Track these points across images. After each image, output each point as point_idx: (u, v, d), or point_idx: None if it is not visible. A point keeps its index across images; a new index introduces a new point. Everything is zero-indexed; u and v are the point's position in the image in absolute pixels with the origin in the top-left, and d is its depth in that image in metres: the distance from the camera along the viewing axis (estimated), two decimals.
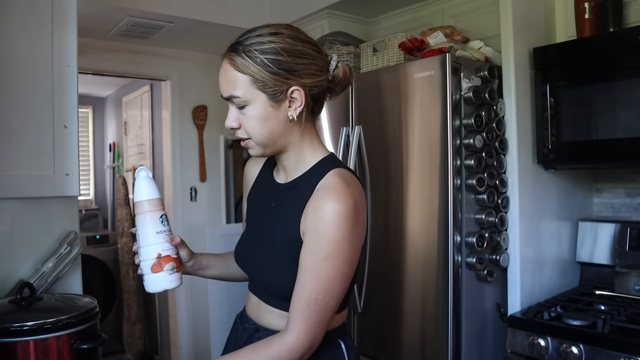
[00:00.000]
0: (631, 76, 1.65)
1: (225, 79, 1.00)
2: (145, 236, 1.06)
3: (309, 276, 0.96)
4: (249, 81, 0.97)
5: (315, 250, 0.95)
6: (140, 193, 1.06)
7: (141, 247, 1.06)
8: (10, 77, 1.43)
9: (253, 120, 1.00)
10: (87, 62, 2.95)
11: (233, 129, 1.04)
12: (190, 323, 3.38)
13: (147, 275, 1.06)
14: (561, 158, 1.83)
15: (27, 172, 1.45)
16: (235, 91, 0.98)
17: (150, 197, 1.06)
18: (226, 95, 1.00)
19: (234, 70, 0.98)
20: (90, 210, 4.91)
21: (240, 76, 0.98)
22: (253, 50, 0.97)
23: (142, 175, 1.06)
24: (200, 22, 2.68)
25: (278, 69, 0.97)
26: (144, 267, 1.06)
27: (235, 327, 1.20)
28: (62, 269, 1.55)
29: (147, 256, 1.05)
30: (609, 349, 1.45)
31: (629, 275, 1.78)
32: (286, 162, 1.08)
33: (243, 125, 1.01)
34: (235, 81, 0.98)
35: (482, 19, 2.15)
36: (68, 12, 1.51)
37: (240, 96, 0.98)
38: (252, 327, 1.13)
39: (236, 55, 0.98)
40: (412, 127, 1.83)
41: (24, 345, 1.19)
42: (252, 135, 1.02)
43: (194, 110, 3.37)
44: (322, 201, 0.96)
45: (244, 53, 0.98)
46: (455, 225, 1.72)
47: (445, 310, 1.72)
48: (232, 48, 1.00)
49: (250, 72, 0.97)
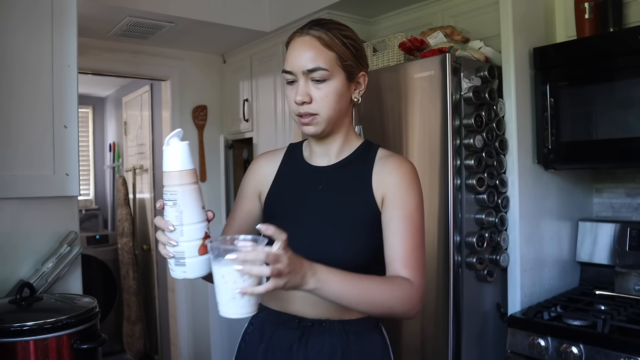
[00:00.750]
0: (631, 76, 1.65)
1: (309, 52, 1.03)
2: (192, 212, 0.89)
3: (405, 225, 1.04)
4: (334, 58, 1.04)
5: (406, 202, 1.05)
6: (185, 160, 0.89)
7: (186, 225, 0.88)
8: (11, 77, 1.43)
9: (330, 95, 1.04)
10: (87, 62, 2.95)
11: (303, 104, 1.04)
12: (190, 323, 3.38)
13: (191, 259, 0.90)
14: (561, 158, 1.83)
15: (27, 172, 1.45)
16: (322, 63, 1.02)
17: (192, 165, 0.90)
18: (311, 67, 1.02)
19: (321, 45, 1.03)
20: (90, 210, 4.91)
21: (327, 52, 1.03)
22: (337, 33, 1.05)
23: (185, 142, 0.90)
24: (200, 22, 2.68)
25: (356, 53, 1.07)
26: (187, 249, 0.89)
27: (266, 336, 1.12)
28: (62, 269, 1.55)
29: (193, 236, 0.89)
30: (609, 349, 1.45)
31: (629, 275, 1.78)
32: (332, 145, 1.13)
33: (316, 99, 1.04)
34: (320, 55, 1.03)
35: (482, 19, 2.15)
36: (68, 12, 1.52)
37: (327, 69, 1.03)
38: (305, 325, 1.07)
39: (322, 33, 1.04)
40: (412, 127, 1.83)
41: (24, 345, 1.19)
42: (322, 110, 1.04)
43: (194, 110, 3.37)
44: (396, 164, 1.10)
45: (329, 32, 1.05)
46: (455, 225, 1.72)
47: (445, 310, 1.72)
48: (315, 26, 1.05)
49: (336, 49, 1.04)
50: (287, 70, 1.05)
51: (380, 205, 1.07)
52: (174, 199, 0.88)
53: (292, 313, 1.09)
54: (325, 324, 1.06)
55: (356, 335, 1.08)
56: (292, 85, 1.05)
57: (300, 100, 1.03)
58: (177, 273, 0.91)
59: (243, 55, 3.22)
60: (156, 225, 0.91)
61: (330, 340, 1.06)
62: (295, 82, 1.05)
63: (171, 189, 0.88)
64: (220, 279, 0.83)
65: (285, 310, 1.10)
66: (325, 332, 1.06)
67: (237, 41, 3.09)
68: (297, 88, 1.04)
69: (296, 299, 1.08)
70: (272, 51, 2.93)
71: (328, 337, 1.06)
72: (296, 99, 1.03)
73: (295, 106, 1.05)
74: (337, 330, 1.06)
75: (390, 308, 0.98)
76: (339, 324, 1.07)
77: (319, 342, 1.06)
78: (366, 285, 0.96)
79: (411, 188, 1.07)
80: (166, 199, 0.89)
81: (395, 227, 1.04)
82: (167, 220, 0.89)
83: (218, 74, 3.46)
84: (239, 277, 0.81)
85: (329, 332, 1.06)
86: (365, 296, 0.95)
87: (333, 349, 1.05)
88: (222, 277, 0.82)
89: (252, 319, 1.16)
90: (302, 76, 1.03)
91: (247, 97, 3.15)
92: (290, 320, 1.09)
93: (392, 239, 1.04)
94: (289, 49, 1.06)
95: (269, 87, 2.96)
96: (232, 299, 0.82)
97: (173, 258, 0.90)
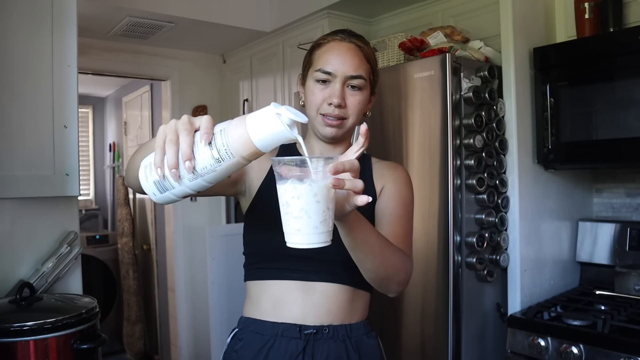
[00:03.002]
0: (631, 76, 1.65)
1: (355, 60, 1.06)
2: (216, 177, 0.74)
3: (402, 210, 1.10)
4: (369, 70, 1.09)
5: (403, 193, 1.12)
6: (266, 139, 0.71)
7: (202, 177, 0.73)
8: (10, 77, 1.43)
9: (361, 104, 1.08)
10: (87, 62, 2.95)
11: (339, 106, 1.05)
12: (190, 323, 3.38)
13: (173, 191, 0.76)
14: (561, 158, 1.83)
15: (27, 172, 1.45)
16: (363, 72, 1.06)
17: (265, 151, 0.75)
18: (354, 74, 1.05)
19: (363, 55, 1.07)
20: (90, 210, 4.91)
21: (366, 63, 1.08)
22: (371, 48, 1.11)
23: (292, 130, 0.72)
24: (200, 22, 2.68)
25: (377, 69, 1.13)
26: (178, 191, 0.75)
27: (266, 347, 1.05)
28: (62, 269, 1.55)
29: (195, 188, 0.76)
30: (609, 349, 1.45)
31: (629, 275, 1.78)
32: (337, 148, 1.14)
33: (349, 105, 1.06)
34: (362, 65, 1.06)
35: (482, 19, 2.15)
36: (68, 12, 1.52)
37: (365, 79, 1.07)
38: (308, 333, 1.03)
39: (364, 44, 1.09)
40: (412, 127, 1.83)
41: (24, 345, 1.19)
42: (351, 116, 1.07)
43: (194, 110, 3.37)
44: (395, 165, 1.18)
45: (368, 45, 1.10)
46: (455, 225, 1.72)
47: (445, 310, 1.72)
48: (356, 38, 1.08)
49: (372, 63, 1.10)
50: (328, 71, 1.05)
51: (377, 195, 1.12)
52: (226, 157, 0.71)
53: (291, 322, 1.04)
54: (328, 330, 1.05)
55: (357, 340, 1.07)
56: (324, 85, 1.06)
57: (337, 102, 1.04)
58: (148, 188, 0.77)
59: (243, 55, 3.22)
60: (181, 136, 0.71)
61: (335, 346, 1.04)
62: (327, 82, 1.05)
63: (230, 150, 0.71)
64: (312, 198, 0.71)
65: (283, 320, 1.05)
66: (329, 339, 1.04)
67: (237, 41, 3.09)
68: (331, 89, 1.05)
69: (296, 301, 1.05)
70: (272, 51, 2.93)
71: (332, 343, 1.04)
72: (333, 101, 1.04)
73: (325, 106, 1.05)
74: (340, 336, 1.05)
75: (396, 270, 0.96)
76: (341, 329, 1.06)
77: (324, 350, 1.03)
78: (385, 240, 0.95)
79: (407, 185, 1.14)
80: (217, 147, 0.71)
81: (392, 210, 1.09)
82: (194, 159, 0.72)
83: (218, 74, 3.46)
84: (330, 196, 0.73)
85: (333, 338, 1.04)
86: (383, 249, 0.93)
87: (338, 356, 1.03)
88: (315, 196, 0.71)
89: (239, 335, 1.10)
90: (340, 80, 1.04)
91: (247, 97, 3.15)
92: (289, 330, 1.04)
93: (389, 218, 1.08)
94: (329, 50, 1.07)
95: (269, 87, 2.95)
96: (323, 221, 0.73)
97: (161, 180, 0.75)
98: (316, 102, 1.07)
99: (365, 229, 0.88)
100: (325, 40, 1.09)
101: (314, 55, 1.10)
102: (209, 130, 0.71)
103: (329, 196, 0.73)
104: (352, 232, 0.85)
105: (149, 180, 0.76)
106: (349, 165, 0.73)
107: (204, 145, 0.71)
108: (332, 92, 1.04)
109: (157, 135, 0.74)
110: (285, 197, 0.74)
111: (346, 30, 1.11)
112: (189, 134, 0.71)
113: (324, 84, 1.06)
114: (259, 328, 1.06)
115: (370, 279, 0.97)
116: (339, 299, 1.06)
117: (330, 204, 0.74)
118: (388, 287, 0.99)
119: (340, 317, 1.06)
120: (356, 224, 0.85)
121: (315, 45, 1.11)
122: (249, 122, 0.70)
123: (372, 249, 0.90)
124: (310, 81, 1.09)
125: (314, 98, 1.07)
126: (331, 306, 1.05)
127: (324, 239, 0.74)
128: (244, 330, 1.09)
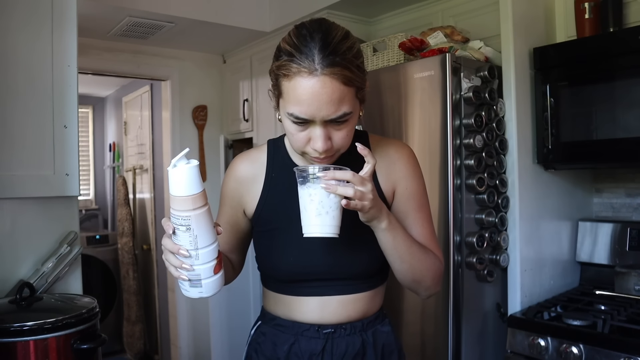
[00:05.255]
0: (631, 76, 1.65)
1: (331, 98, 0.86)
2: (207, 235, 0.85)
3: (421, 214, 1.07)
4: (354, 93, 0.90)
5: (416, 192, 1.07)
6: (195, 183, 0.82)
7: (201, 249, 0.85)
8: (10, 77, 1.43)
9: (350, 132, 0.93)
10: (87, 62, 2.95)
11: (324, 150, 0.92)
12: (190, 323, 3.38)
13: (207, 279, 0.88)
14: (561, 158, 1.83)
15: (27, 172, 1.45)
16: (346, 108, 0.89)
17: (202, 187, 0.84)
18: (337, 116, 0.88)
19: (341, 84, 0.86)
20: (90, 210, 4.91)
21: (347, 90, 0.88)
22: (350, 58, 0.88)
23: (194, 163, 0.82)
24: (200, 22, 2.68)
25: (364, 70, 0.92)
26: (203, 272, 0.87)
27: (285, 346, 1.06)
28: (62, 269, 1.55)
29: (209, 258, 0.87)
30: (609, 349, 1.45)
31: (629, 275, 1.78)
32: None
33: (335, 141, 0.92)
34: (343, 97, 0.87)
35: (482, 19, 2.15)
36: (68, 12, 1.51)
37: (352, 112, 0.90)
38: (326, 332, 1.04)
39: (340, 68, 0.86)
40: (412, 127, 1.83)
41: (24, 345, 1.19)
42: (341, 148, 0.94)
43: (194, 110, 3.37)
44: (397, 151, 1.08)
45: (345, 63, 0.87)
46: (455, 225, 1.72)
47: (445, 310, 1.72)
48: (330, 62, 0.85)
49: (355, 83, 0.89)
50: (303, 118, 0.88)
51: (390, 197, 1.07)
52: (187, 224, 0.83)
53: (310, 322, 1.05)
54: (347, 327, 1.06)
55: (373, 331, 1.09)
56: (302, 127, 0.90)
57: (323, 148, 0.90)
58: (192, 293, 0.90)
59: (243, 55, 3.22)
60: (166, 248, 0.85)
61: (352, 340, 1.06)
62: (306, 124, 0.90)
63: (183, 214, 0.82)
64: (307, 197, 0.88)
65: (302, 321, 1.05)
66: (347, 335, 1.06)
67: (237, 41, 3.09)
68: (313, 133, 0.90)
69: (313, 310, 1.05)
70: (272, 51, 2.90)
71: (350, 339, 1.06)
72: (317, 147, 0.90)
73: (309, 149, 0.92)
74: (357, 330, 1.06)
75: (422, 276, 1.03)
76: (358, 324, 1.07)
77: (343, 346, 1.05)
78: (417, 246, 1.01)
79: (415, 173, 1.09)
80: (178, 224, 0.83)
81: (412, 220, 1.07)
82: (180, 245, 0.84)
83: (218, 74, 3.46)
84: (325, 197, 0.87)
85: (350, 335, 1.06)
86: (414, 254, 0.99)
87: (355, 349, 1.05)
88: (309, 195, 0.88)
89: (262, 329, 1.11)
90: (320, 123, 0.89)
91: (247, 97, 3.15)
92: (309, 330, 1.05)
93: (413, 230, 1.06)
94: (298, 88, 0.87)
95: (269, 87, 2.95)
96: (318, 216, 0.87)
97: (188, 281, 0.88)
98: (297, 145, 0.93)
99: (398, 234, 0.96)
100: (291, 71, 0.87)
101: (281, 84, 0.91)
102: (168, 229, 0.84)
103: (324, 196, 0.87)
104: (380, 239, 0.96)
105: (185, 289, 0.91)
106: (339, 174, 0.84)
107: (175, 235, 0.85)
108: (314, 136, 0.90)
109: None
110: (304, 195, 0.89)
111: (315, 40, 0.87)
112: (167, 252, 0.87)
113: (302, 125, 0.90)
114: (280, 325, 1.08)
115: (400, 280, 1.04)
116: (356, 305, 1.07)
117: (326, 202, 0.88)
118: (416, 289, 1.07)
119: (358, 316, 1.07)
120: (390, 230, 0.94)
121: (279, 74, 0.90)
122: (171, 190, 0.84)
123: (401, 255, 0.98)
124: (284, 116, 0.93)
125: (294, 140, 0.93)
126: (349, 312, 1.06)
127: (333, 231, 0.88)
128: (267, 324, 1.12)
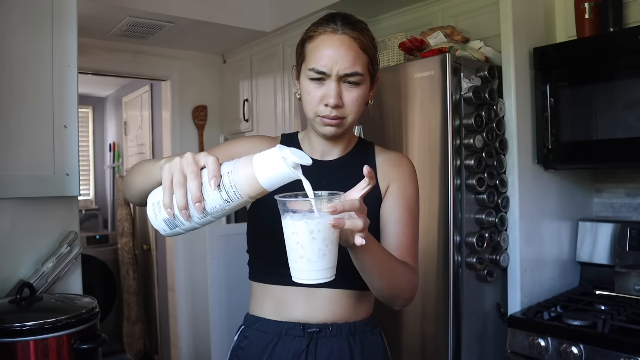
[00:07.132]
0: (631, 76, 1.65)
1: (349, 55, 0.96)
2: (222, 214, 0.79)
3: (407, 217, 1.06)
4: (367, 62, 0.99)
5: (407, 194, 1.08)
6: (274, 183, 0.75)
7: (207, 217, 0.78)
8: (10, 77, 1.43)
9: (360, 99, 1.00)
10: (87, 62, 2.95)
11: (336, 106, 0.98)
12: (190, 323, 3.38)
13: (179, 228, 0.81)
14: (561, 158, 1.83)
15: (27, 172, 1.45)
16: (359, 68, 0.97)
17: (269, 192, 0.78)
18: (351, 72, 0.96)
19: (358, 47, 0.97)
20: (90, 210, 4.91)
21: (363, 55, 0.98)
22: (368, 34, 0.99)
23: (297, 174, 0.75)
24: (200, 22, 2.68)
25: (377, 57, 1.03)
26: (187, 226, 0.80)
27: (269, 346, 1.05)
28: (62, 269, 1.55)
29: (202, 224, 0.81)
30: (609, 349, 1.45)
31: (629, 275, 1.78)
32: (339, 143, 1.10)
33: (346, 103, 0.99)
34: (358, 59, 0.97)
35: (482, 19, 2.15)
36: (68, 12, 1.51)
37: (363, 74, 0.98)
38: (311, 331, 1.03)
39: (359, 34, 0.97)
40: (412, 127, 1.83)
41: (24, 345, 1.19)
42: (350, 114, 1.00)
43: (194, 110, 3.37)
44: (399, 159, 1.12)
45: (364, 33, 0.98)
46: (455, 225, 1.72)
47: (445, 310, 1.72)
48: (351, 27, 0.97)
49: (370, 53, 0.99)
50: (321, 70, 0.96)
51: (382, 195, 1.08)
52: (232, 199, 0.75)
53: (295, 320, 1.04)
54: (332, 328, 1.04)
55: (362, 337, 1.07)
56: (319, 84, 0.98)
57: (333, 103, 0.97)
58: (158, 223, 0.80)
59: (243, 55, 3.22)
60: (190, 181, 0.73)
61: (338, 343, 1.03)
62: (322, 81, 0.98)
63: (241, 193, 0.74)
64: (308, 235, 0.74)
65: (286, 319, 1.05)
66: (333, 337, 1.04)
67: (237, 41, 3.09)
68: (327, 89, 0.98)
69: (299, 304, 1.04)
70: (272, 51, 2.93)
71: (336, 340, 1.04)
72: (329, 102, 0.97)
73: (322, 107, 0.99)
74: (344, 333, 1.04)
75: (401, 290, 0.99)
76: (345, 327, 1.05)
77: (327, 348, 1.03)
78: (394, 260, 0.96)
79: (412, 182, 1.10)
80: (227, 189, 0.74)
81: (397, 217, 1.05)
82: (203, 199, 0.74)
83: (218, 74, 3.46)
84: (330, 233, 0.75)
85: (336, 336, 1.04)
86: (392, 273, 0.95)
87: (341, 353, 1.03)
88: (311, 233, 0.74)
89: (245, 332, 1.11)
90: (335, 78, 0.97)
91: (247, 97, 3.15)
92: (293, 329, 1.04)
93: (394, 227, 1.05)
94: (320, 45, 0.98)
95: (269, 87, 2.95)
96: (322, 256, 0.75)
97: (171, 219, 0.78)
98: (312, 103, 1.00)
99: (374, 255, 0.89)
100: (316, 32, 0.99)
101: (305, 48, 1.02)
102: (216, 174, 0.73)
103: (329, 233, 0.75)
104: (358, 259, 0.88)
105: (158, 219, 0.79)
106: (349, 206, 0.74)
107: (213, 189, 0.73)
108: (328, 92, 0.97)
109: (163, 174, 0.75)
110: (286, 231, 0.76)
111: (339, 15, 1.00)
112: (196, 176, 0.73)
113: (318, 82, 0.98)
114: (263, 326, 1.07)
115: (377, 296, 1.01)
116: (343, 302, 1.05)
117: (329, 240, 0.75)
118: (393, 303, 1.02)
119: (345, 316, 1.05)
120: (363, 252, 0.86)
121: (306, 38, 1.02)
122: (256, 165, 0.73)
123: (380, 273, 0.93)
124: (304, 78, 1.01)
125: (310, 98, 1.00)
126: (335, 308, 1.05)
127: (323, 275, 0.76)
128: (250, 327, 1.10)
